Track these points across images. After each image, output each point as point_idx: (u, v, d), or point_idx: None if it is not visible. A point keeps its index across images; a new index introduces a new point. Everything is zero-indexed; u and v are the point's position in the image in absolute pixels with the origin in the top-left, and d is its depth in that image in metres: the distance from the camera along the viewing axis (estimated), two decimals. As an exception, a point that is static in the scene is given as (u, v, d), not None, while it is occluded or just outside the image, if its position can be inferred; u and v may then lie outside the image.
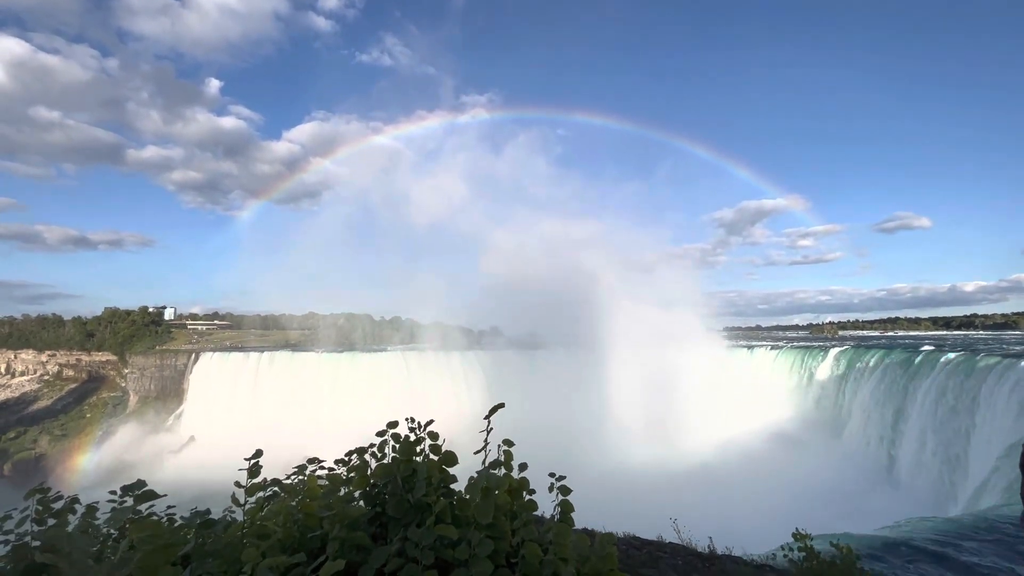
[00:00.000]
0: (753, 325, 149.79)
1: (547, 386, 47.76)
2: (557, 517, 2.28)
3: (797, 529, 7.22)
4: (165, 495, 2.40)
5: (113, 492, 2.50)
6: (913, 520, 12.56)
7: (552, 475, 2.34)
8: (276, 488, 2.53)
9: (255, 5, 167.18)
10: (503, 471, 2.23)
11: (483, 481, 2.06)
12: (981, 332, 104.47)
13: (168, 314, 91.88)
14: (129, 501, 2.36)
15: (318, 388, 54.44)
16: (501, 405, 2.39)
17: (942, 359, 28.99)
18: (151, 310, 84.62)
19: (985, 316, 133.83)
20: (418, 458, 2.25)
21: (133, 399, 66.97)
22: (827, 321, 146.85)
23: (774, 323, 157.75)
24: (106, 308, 79.27)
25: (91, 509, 2.50)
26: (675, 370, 47.53)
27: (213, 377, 59.62)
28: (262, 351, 62.86)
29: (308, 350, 66.54)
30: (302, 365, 57.91)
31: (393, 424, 2.42)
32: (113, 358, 71.45)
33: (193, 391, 61.29)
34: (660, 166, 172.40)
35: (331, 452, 2.73)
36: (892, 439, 30.12)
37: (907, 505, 23.51)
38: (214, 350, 67.83)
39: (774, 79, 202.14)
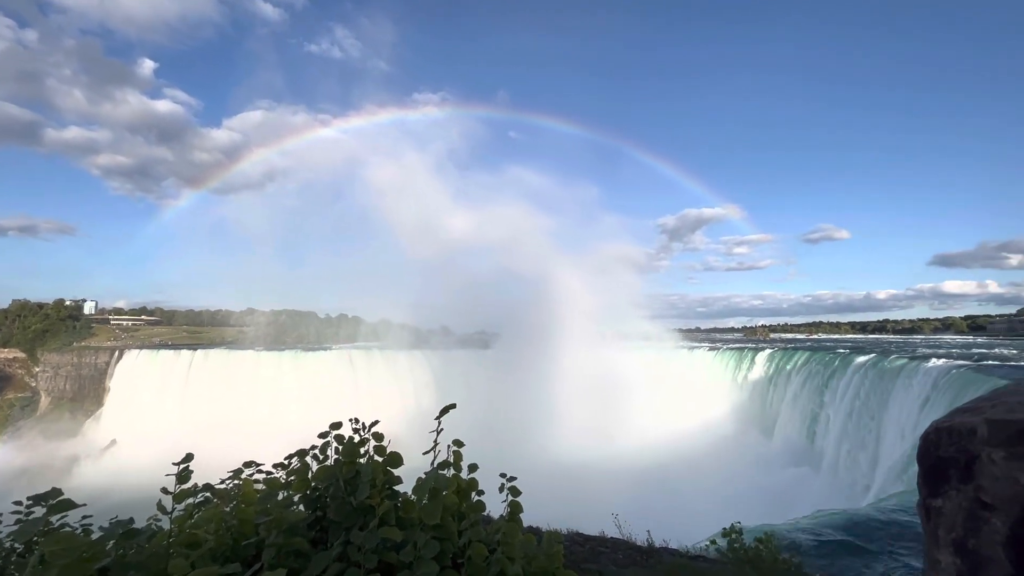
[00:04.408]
0: (693, 327, 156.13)
1: (495, 385, 47.84)
2: (506, 517, 2.28)
3: (731, 524, 7.67)
4: (84, 504, 2.21)
5: (18, 503, 2.27)
6: (827, 511, 13.67)
7: (503, 475, 2.34)
8: (208, 494, 2.37)
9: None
10: (452, 472, 2.21)
11: (431, 482, 2.04)
12: (892, 336, 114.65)
13: (88, 308, 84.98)
14: (38, 512, 2.14)
15: (256, 388, 51.84)
16: (452, 406, 2.37)
17: (857, 360, 31.50)
18: (68, 303, 77.93)
19: (895, 321, 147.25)
20: (362, 460, 2.19)
21: (45, 400, 61.39)
22: (760, 324, 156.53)
23: (712, 325, 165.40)
24: (14, 300, 72.48)
25: (-7, 522, 2.26)
26: (619, 369, 49.00)
27: (139, 376, 55.52)
28: (195, 348, 59.28)
29: (246, 348, 63.43)
30: (239, 364, 54.95)
31: (336, 425, 2.33)
32: (22, 355, 65.14)
33: (115, 391, 56.89)
34: (607, 170, 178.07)
35: (271, 456, 2.60)
36: (814, 435, 32.37)
37: (829, 496, 25.30)
38: (141, 347, 63.37)
39: (721, 89, 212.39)
